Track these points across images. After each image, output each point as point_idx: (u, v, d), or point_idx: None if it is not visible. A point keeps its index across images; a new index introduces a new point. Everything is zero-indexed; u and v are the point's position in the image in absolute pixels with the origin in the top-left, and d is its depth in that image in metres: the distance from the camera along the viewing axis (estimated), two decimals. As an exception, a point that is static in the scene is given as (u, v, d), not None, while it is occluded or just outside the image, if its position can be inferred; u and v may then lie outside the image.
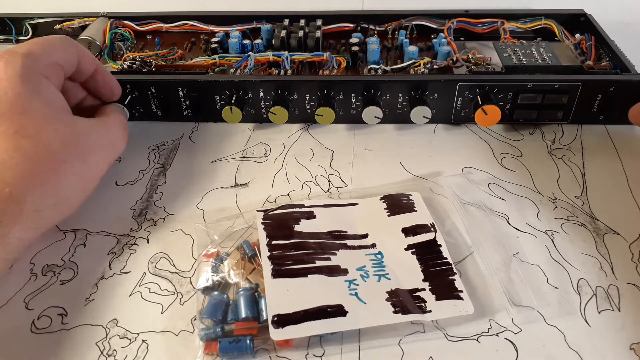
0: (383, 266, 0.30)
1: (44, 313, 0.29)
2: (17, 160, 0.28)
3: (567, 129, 0.42)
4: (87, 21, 0.50)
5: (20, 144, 0.29)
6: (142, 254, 0.33)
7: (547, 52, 0.44)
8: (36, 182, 0.29)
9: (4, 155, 0.28)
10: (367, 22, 0.50)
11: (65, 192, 0.31)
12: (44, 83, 0.31)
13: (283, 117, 0.40)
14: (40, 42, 0.32)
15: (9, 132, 0.29)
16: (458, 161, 0.39)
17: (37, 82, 0.31)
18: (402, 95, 0.41)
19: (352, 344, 0.27)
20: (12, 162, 0.28)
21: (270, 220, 0.33)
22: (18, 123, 0.29)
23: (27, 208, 0.28)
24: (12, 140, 0.29)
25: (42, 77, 0.31)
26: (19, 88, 0.30)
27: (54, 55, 0.33)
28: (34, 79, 0.31)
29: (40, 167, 0.29)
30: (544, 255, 0.32)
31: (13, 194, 0.28)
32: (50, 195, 0.29)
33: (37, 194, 0.29)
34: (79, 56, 0.34)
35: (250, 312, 0.28)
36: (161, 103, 0.42)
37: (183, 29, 0.50)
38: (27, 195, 0.28)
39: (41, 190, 0.29)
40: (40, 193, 0.29)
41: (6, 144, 0.28)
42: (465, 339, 0.27)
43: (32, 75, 0.31)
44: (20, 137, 0.29)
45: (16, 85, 0.30)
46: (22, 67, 0.30)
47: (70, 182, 0.31)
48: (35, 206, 0.29)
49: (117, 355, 0.27)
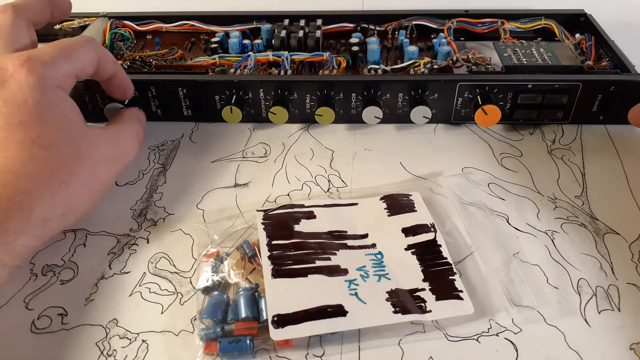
0: (383, 266, 0.30)
1: (44, 313, 0.29)
2: (31, 170, 0.28)
3: (567, 129, 0.42)
4: (87, 21, 0.50)
5: (35, 154, 0.29)
6: (142, 254, 0.33)
7: (547, 52, 0.44)
8: (47, 192, 0.29)
9: (17, 164, 0.28)
10: (367, 22, 0.50)
11: (74, 203, 0.30)
12: (60, 94, 0.31)
13: (283, 117, 0.40)
14: (63, 49, 0.32)
15: (26, 141, 0.28)
16: (458, 161, 0.39)
17: (54, 93, 0.31)
18: (402, 95, 0.41)
19: (352, 344, 0.27)
20: (26, 171, 0.28)
21: (270, 220, 0.33)
22: (35, 132, 0.29)
23: (36, 217, 0.28)
24: (28, 150, 0.28)
25: (59, 89, 0.31)
26: (39, 97, 0.29)
27: (76, 64, 0.32)
28: (52, 90, 0.30)
29: (52, 178, 0.29)
30: (544, 255, 0.32)
31: (23, 203, 0.28)
32: (59, 206, 0.29)
33: (47, 204, 0.29)
34: (100, 61, 0.34)
35: (250, 312, 0.28)
36: (161, 103, 0.42)
37: (183, 29, 0.50)
38: (36, 205, 0.28)
39: (51, 201, 0.29)
40: (49, 203, 0.29)
41: (21, 153, 0.28)
42: (465, 339, 0.27)
43: (51, 86, 0.30)
44: (36, 147, 0.29)
45: (36, 94, 0.29)
46: (43, 77, 0.30)
47: (79, 193, 0.31)
48: (43, 215, 0.29)
49: (117, 355, 0.27)
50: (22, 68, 0.30)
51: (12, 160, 0.28)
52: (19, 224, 0.28)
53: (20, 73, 0.29)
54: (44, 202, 0.29)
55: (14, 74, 0.29)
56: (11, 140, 0.28)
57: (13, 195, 0.27)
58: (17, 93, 0.29)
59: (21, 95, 0.29)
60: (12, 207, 0.27)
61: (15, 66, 0.30)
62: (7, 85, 0.29)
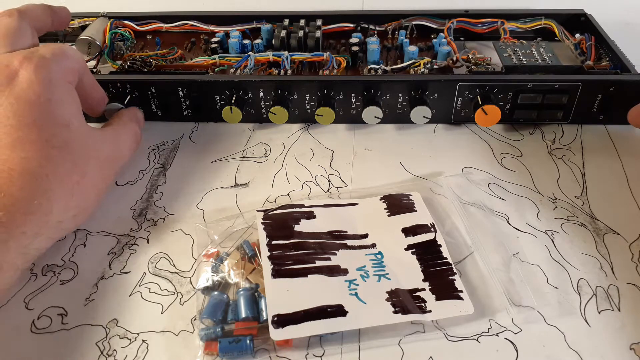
0: (383, 266, 0.30)
1: (44, 313, 0.29)
2: (48, 171, 0.28)
3: (567, 129, 0.42)
4: (87, 21, 0.50)
5: (50, 154, 0.28)
6: (142, 254, 0.33)
7: (547, 52, 0.44)
8: (63, 194, 0.28)
9: (34, 165, 0.27)
10: (367, 22, 0.50)
11: (85, 203, 0.31)
12: (69, 89, 0.31)
13: (283, 117, 0.40)
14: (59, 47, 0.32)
15: (40, 141, 0.28)
16: (458, 161, 0.39)
17: (63, 89, 0.30)
18: (402, 95, 0.41)
19: (352, 344, 0.27)
20: (43, 172, 0.28)
21: (270, 220, 0.33)
22: (49, 132, 0.28)
23: (53, 220, 0.28)
24: (43, 150, 0.28)
25: (67, 84, 0.31)
26: (50, 94, 0.29)
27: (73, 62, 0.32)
28: (61, 86, 0.30)
29: (67, 179, 0.29)
30: (544, 255, 0.32)
31: (42, 206, 0.27)
32: (73, 207, 0.29)
33: (63, 205, 0.28)
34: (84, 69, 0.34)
35: (250, 312, 0.28)
36: (161, 103, 0.42)
37: (183, 29, 0.50)
38: (54, 207, 0.28)
39: (66, 202, 0.29)
40: (65, 205, 0.29)
41: (37, 153, 0.28)
42: (465, 339, 0.27)
43: (61, 81, 0.30)
44: (50, 147, 0.28)
45: (47, 92, 0.29)
46: (52, 72, 0.30)
47: (90, 194, 0.31)
48: (59, 217, 0.28)
49: (117, 355, 0.27)
50: (30, 63, 0.29)
51: (29, 161, 0.27)
52: (37, 227, 0.27)
53: (29, 68, 0.29)
54: (61, 203, 0.28)
55: (21, 69, 0.29)
56: (26, 140, 0.28)
57: (32, 198, 0.27)
58: (28, 90, 0.28)
59: (32, 92, 0.29)
60: (32, 210, 0.27)
61: (20, 62, 0.29)
62: (16, 82, 0.29)
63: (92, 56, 0.46)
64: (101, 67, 0.46)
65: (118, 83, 0.41)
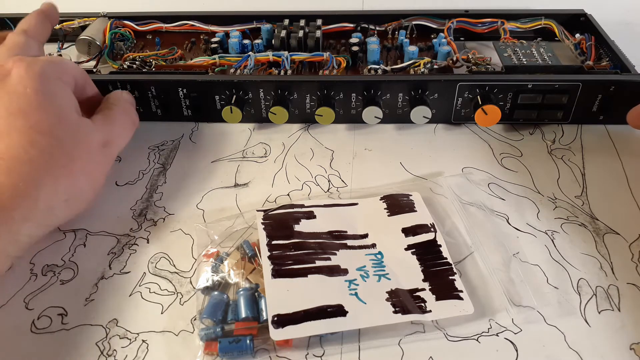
0: (383, 266, 0.30)
1: (44, 313, 0.29)
2: (32, 155, 0.29)
3: (567, 129, 0.42)
4: (87, 21, 0.50)
5: (35, 140, 0.29)
6: (142, 254, 0.33)
7: (547, 52, 0.44)
8: (50, 177, 0.29)
9: (19, 150, 0.29)
10: (367, 22, 0.50)
11: (76, 189, 0.31)
12: (60, 85, 0.32)
13: (283, 117, 0.40)
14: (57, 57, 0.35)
15: (24, 128, 0.29)
16: (458, 161, 0.39)
17: (54, 84, 0.32)
18: (402, 95, 0.41)
19: (352, 344, 0.27)
20: (27, 156, 0.29)
21: (270, 220, 0.33)
22: (34, 119, 0.30)
23: (41, 205, 0.29)
24: (27, 135, 0.29)
25: (60, 81, 0.32)
26: (38, 86, 0.31)
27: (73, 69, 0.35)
28: (52, 81, 0.32)
29: (53, 163, 0.30)
30: (544, 255, 0.32)
31: (28, 190, 0.28)
32: (62, 192, 0.30)
33: (51, 189, 0.29)
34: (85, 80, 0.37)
35: (250, 312, 0.28)
36: (161, 103, 0.42)
37: (183, 29, 0.50)
38: (41, 191, 0.29)
39: (54, 186, 0.29)
40: (53, 189, 0.29)
41: (21, 139, 0.29)
42: (465, 339, 0.27)
43: (51, 78, 0.32)
44: (35, 132, 0.29)
45: (35, 83, 0.31)
46: (44, 70, 0.31)
47: (80, 179, 0.31)
48: (49, 202, 0.29)
49: (117, 355, 0.27)
50: (23, 62, 0.31)
51: (14, 148, 0.29)
52: (25, 211, 0.28)
53: (21, 66, 0.31)
54: (48, 187, 0.29)
55: (14, 68, 0.31)
56: (12, 127, 0.29)
57: (17, 182, 0.28)
58: (17, 85, 0.30)
59: (21, 85, 0.30)
60: (17, 194, 0.28)
61: (14, 62, 0.31)
62: (8, 79, 0.31)
63: (92, 56, 0.46)
64: (101, 67, 0.46)
65: (118, 83, 0.41)
